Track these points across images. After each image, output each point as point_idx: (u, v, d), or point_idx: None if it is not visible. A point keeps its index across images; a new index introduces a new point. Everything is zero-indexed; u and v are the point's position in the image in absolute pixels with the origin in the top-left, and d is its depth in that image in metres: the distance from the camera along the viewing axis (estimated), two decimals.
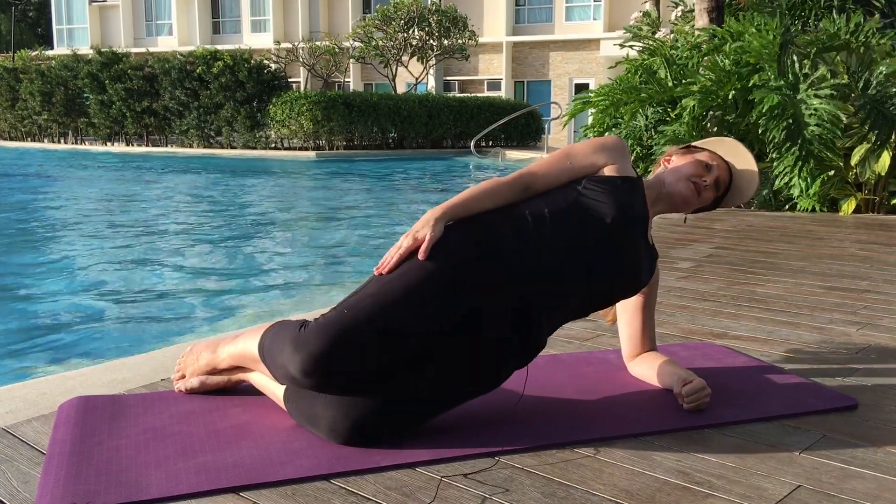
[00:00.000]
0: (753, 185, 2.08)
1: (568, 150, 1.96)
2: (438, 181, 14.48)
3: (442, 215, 1.77)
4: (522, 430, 1.77)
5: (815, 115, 5.85)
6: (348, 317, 1.65)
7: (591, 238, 1.84)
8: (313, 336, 1.63)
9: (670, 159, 2.10)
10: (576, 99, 7.85)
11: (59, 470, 1.56)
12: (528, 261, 1.78)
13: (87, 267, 6.05)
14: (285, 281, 5.63)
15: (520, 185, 1.87)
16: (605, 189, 1.88)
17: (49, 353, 3.83)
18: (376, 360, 1.65)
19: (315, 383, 1.65)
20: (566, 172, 1.91)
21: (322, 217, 9.39)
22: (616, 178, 1.92)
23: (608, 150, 1.95)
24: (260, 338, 1.82)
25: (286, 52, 27.17)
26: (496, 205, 1.83)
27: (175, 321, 4.43)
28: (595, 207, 1.86)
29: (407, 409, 1.71)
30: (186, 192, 12.02)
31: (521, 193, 1.87)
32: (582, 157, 1.93)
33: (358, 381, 1.66)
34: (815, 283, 3.53)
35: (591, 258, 1.84)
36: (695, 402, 1.88)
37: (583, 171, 1.92)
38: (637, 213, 1.92)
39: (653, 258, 2.02)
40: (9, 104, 24.53)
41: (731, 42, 6.50)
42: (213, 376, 2.01)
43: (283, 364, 1.68)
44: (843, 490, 1.53)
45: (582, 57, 27.72)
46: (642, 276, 1.96)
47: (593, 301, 1.92)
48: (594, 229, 1.85)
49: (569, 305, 1.87)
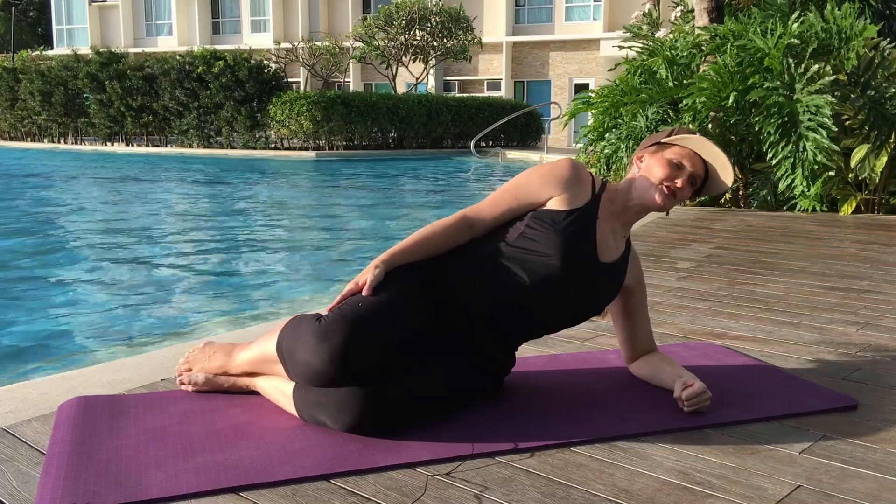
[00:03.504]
0: (729, 175, 1.99)
1: (515, 184, 1.94)
2: (438, 181, 14.48)
3: (382, 262, 1.83)
4: (522, 430, 1.77)
5: (808, 110, 5.85)
6: (363, 307, 1.72)
7: (535, 276, 1.85)
8: (336, 325, 1.68)
9: (642, 158, 2.04)
10: (575, 99, 7.85)
11: (59, 470, 1.56)
12: (477, 309, 1.87)
13: (87, 267, 6.05)
14: (285, 281, 5.63)
15: (463, 224, 1.90)
16: (546, 227, 1.87)
17: (49, 353, 3.83)
18: (392, 346, 1.72)
19: (338, 371, 1.67)
20: (512, 212, 1.92)
21: (322, 217, 9.38)
22: (560, 212, 1.89)
23: (556, 182, 1.90)
24: (277, 338, 1.82)
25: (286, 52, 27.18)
26: (438, 249, 1.89)
27: (175, 321, 4.43)
28: (536, 249, 1.86)
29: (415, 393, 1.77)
30: (187, 192, 12.02)
31: (464, 233, 1.90)
32: (528, 191, 1.91)
33: (374, 369, 1.71)
34: (815, 283, 3.53)
35: (536, 295, 1.86)
36: (695, 405, 1.88)
37: (528, 206, 1.91)
38: (580, 248, 1.89)
39: (614, 276, 1.98)
40: (8, 104, 24.53)
41: (733, 42, 6.50)
42: (219, 377, 2.01)
43: (304, 359, 1.70)
44: (843, 490, 1.53)
45: (582, 57, 27.72)
46: (597, 299, 1.98)
47: (548, 326, 1.99)
48: (537, 269, 1.85)
49: (524, 338, 1.97)
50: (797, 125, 5.92)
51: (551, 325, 1.99)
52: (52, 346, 3.96)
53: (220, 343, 2.07)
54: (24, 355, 3.81)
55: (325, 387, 1.71)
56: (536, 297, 1.86)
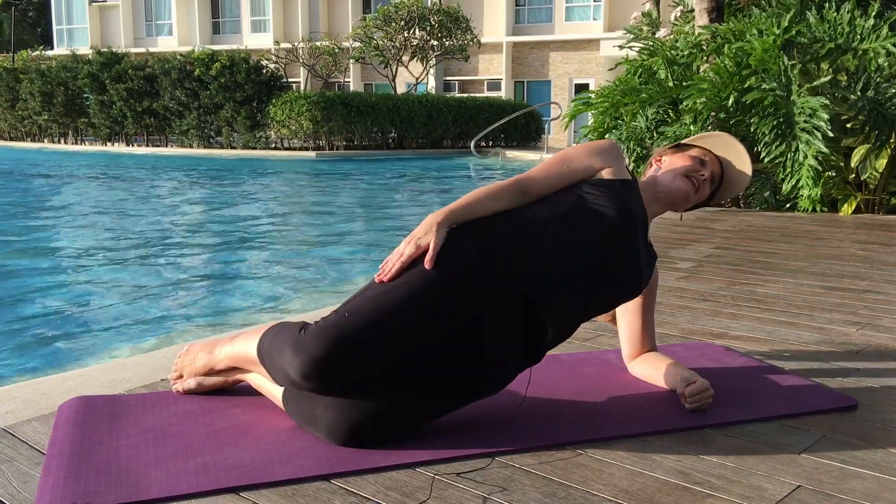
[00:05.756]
0: (747, 177, 2.08)
1: (564, 155, 1.95)
2: (438, 181, 14.48)
3: (444, 220, 1.73)
4: (522, 430, 1.77)
5: (803, 112, 5.85)
6: (349, 321, 1.63)
7: (594, 241, 1.83)
8: (314, 340, 1.62)
9: (661, 159, 2.11)
10: (575, 100, 7.85)
11: (59, 470, 1.56)
12: (532, 265, 1.76)
13: (88, 267, 6.05)
14: (285, 281, 5.63)
15: (518, 188, 1.85)
16: (603, 192, 1.88)
17: (49, 353, 3.83)
18: (377, 364, 1.64)
19: (315, 387, 1.64)
20: (563, 176, 1.91)
21: (322, 217, 9.38)
22: (614, 180, 1.92)
23: (604, 154, 1.94)
24: (259, 340, 1.80)
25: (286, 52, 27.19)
26: (497, 208, 1.81)
27: (176, 321, 4.43)
28: (597, 210, 1.85)
29: (407, 412, 1.70)
30: (187, 192, 12.02)
31: (519, 197, 1.85)
32: (578, 161, 1.93)
33: (358, 385, 1.65)
34: (815, 283, 3.53)
35: (594, 261, 1.83)
36: (698, 402, 1.88)
37: (580, 174, 1.92)
38: (636, 215, 1.92)
39: (651, 259, 2.02)
40: (9, 104, 24.53)
41: (733, 42, 6.50)
42: (210, 377, 2.00)
43: (282, 367, 1.66)
44: (843, 490, 1.53)
45: (582, 57, 27.73)
46: (643, 277, 1.96)
47: (594, 304, 1.90)
48: (597, 232, 1.84)
49: (572, 310, 1.84)
50: (792, 126, 5.92)
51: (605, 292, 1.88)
52: (52, 346, 3.96)
53: (200, 343, 2.06)
54: (24, 355, 3.81)
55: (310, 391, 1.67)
56: (593, 260, 1.82)
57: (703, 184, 2.03)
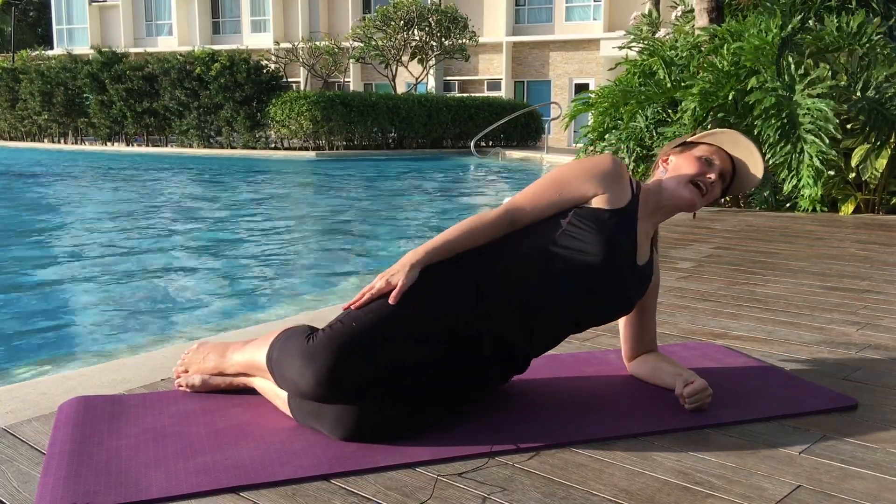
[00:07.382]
0: (759, 172, 2.02)
1: (559, 178, 1.89)
2: (438, 181, 14.48)
3: (418, 261, 1.75)
4: (522, 430, 1.77)
5: (809, 113, 5.85)
6: (355, 329, 1.68)
7: (574, 276, 1.82)
8: (322, 349, 1.66)
9: (668, 160, 2.04)
10: (575, 100, 7.85)
11: (59, 470, 1.56)
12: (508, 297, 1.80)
13: (88, 267, 6.05)
14: (285, 281, 5.63)
15: (506, 219, 1.84)
16: (590, 227, 1.84)
17: (49, 353, 3.83)
18: (382, 369, 1.68)
19: (325, 394, 1.67)
20: (554, 206, 1.86)
21: (322, 217, 9.38)
22: (604, 211, 1.86)
23: (600, 178, 1.87)
24: (268, 349, 1.81)
25: (286, 52, 27.18)
26: (478, 243, 1.82)
27: (176, 321, 4.43)
28: (579, 248, 1.82)
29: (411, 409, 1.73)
30: (187, 192, 12.02)
31: (506, 229, 1.84)
32: (571, 189, 1.87)
33: (364, 389, 1.68)
34: (815, 283, 3.53)
35: (574, 294, 1.84)
36: (697, 402, 1.88)
37: (571, 203, 1.87)
38: (623, 248, 1.88)
39: (645, 279, 1.99)
40: (9, 104, 24.53)
41: (732, 42, 6.49)
42: (215, 377, 2.01)
43: (292, 378, 1.69)
44: (843, 490, 1.53)
45: (582, 57, 27.72)
46: (633, 300, 1.96)
47: (581, 328, 1.95)
48: (577, 268, 1.82)
49: (551, 333, 1.91)
50: (797, 127, 5.92)
51: (583, 324, 1.94)
52: (52, 346, 3.96)
53: (213, 343, 2.06)
54: (24, 355, 3.81)
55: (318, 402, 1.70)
56: (574, 296, 1.83)
57: (710, 187, 1.96)
